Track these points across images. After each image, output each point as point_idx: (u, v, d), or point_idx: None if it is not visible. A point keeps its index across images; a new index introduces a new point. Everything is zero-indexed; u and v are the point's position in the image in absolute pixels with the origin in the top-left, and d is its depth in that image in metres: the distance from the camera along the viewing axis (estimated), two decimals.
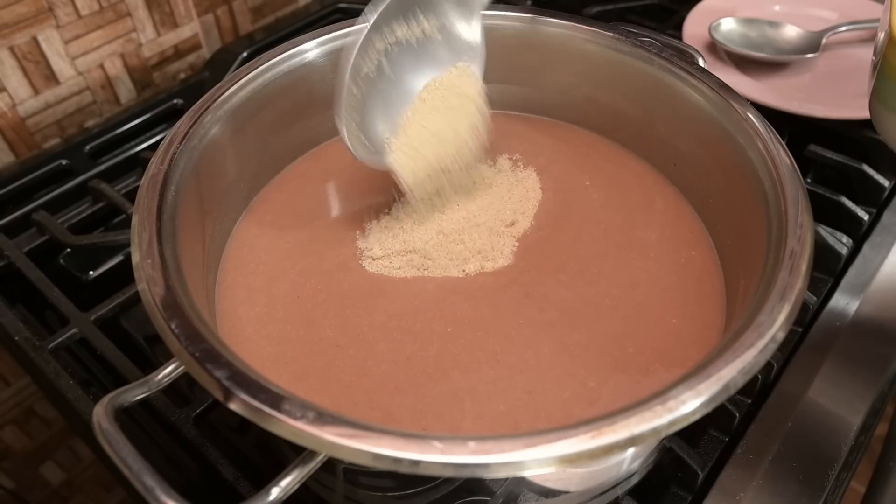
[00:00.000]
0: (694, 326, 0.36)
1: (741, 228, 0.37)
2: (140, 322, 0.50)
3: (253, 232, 0.42)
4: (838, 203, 0.52)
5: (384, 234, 0.41)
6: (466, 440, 0.24)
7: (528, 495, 0.32)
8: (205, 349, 0.27)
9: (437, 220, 0.41)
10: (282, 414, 0.24)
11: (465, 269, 0.39)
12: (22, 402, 0.50)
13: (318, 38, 0.44)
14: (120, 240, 0.51)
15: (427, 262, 0.39)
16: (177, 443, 0.40)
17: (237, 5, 0.72)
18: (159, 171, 0.35)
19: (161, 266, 0.30)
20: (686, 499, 0.38)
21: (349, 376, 0.34)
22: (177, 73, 0.70)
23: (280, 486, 0.25)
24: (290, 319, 0.37)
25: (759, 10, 0.69)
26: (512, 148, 0.47)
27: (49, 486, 0.47)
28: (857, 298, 0.47)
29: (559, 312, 0.36)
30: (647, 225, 0.41)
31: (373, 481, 0.33)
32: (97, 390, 0.43)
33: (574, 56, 0.45)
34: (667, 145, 0.43)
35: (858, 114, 0.56)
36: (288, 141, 0.45)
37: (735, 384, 0.26)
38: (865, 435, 0.40)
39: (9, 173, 0.57)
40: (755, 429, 0.40)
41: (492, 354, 0.35)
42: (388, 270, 0.39)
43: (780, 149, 0.35)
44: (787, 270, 0.29)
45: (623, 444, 0.24)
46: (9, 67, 0.58)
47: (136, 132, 0.62)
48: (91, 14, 0.61)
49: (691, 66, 0.41)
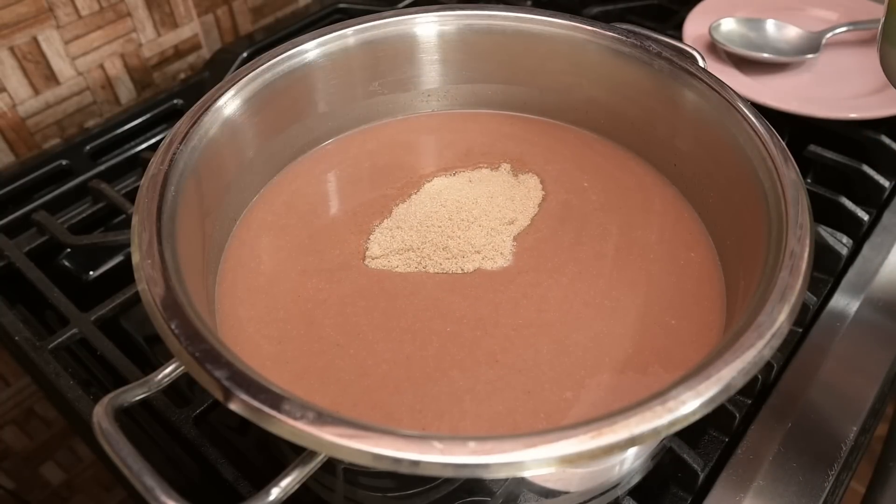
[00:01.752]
0: (693, 327, 0.36)
1: (741, 229, 0.37)
2: (140, 322, 0.50)
3: (253, 232, 0.42)
4: (838, 203, 0.52)
5: (384, 233, 0.41)
6: (466, 440, 0.24)
7: (528, 495, 0.32)
8: (205, 349, 0.27)
9: (437, 220, 0.41)
10: (282, 414, 0.24)
11: (464, 269, 0.39)
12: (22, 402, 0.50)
13: (318, 38, 0.44)
14: (120, 240, 0.51)
15: (426, 262, 0.39)
16: (177, 443, 0.40)
17: (237, 5, 0.72)
18: (159, 171, 0.34)
19: (161, 266, 0.30)
20: (686, 499, 0.38)
21: (349, 375, 0.34)
22: (177, 73, 0.70)
23: (280, 486, 0.25)
24: (290, 319, 0.37)
25: (759, 10, 0.69)
26: (511, 149, 0.47)
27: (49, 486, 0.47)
28: (857, 298, 0.47)
29: (558, 313, 0.36)
30: (646, 225, 0.41)
31: (373, 481, 0.33)
32: (97, 390, 0.43)
33: (574, 56, 0.45)
34: (667, 145, 0.43)
35: (858, 114, 0.56)
36: (288, 141, 0.45)
37: (735, 384, 0.26)
38: (865, 435, 0.40)
39: (9, 173, 0.57)
40: (755, 429, 0.40)
41: (491, 354, 0.35)
42: (388, 270, 0.39)
43: (780, 149, 0.35)
44: (787, 271, 0.29)
45: (623, 444, 0.24)
46: (9, 67, 0.58)
47: (136, 132, 0.62)
48: (91, 14, 0.61)
49: (691, 66, 0.41)
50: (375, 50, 0.46)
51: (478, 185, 0.43)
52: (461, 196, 0.42)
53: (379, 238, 0.40)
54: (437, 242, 0.40)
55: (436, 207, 0.42)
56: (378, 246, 0.40)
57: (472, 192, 0.43)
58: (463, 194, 0.43)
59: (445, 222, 0.41)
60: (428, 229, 0.41)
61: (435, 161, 0.46)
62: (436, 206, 0.42)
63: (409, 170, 0.45)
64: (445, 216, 0.41)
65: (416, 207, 0.42)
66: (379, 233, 0.41)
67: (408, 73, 0.47)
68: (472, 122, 0.49)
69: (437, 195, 0.43)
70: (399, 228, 0.41)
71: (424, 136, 0.48)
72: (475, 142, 0.47)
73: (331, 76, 0.45)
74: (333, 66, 0.45)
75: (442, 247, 0.40)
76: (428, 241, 0.40)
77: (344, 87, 0.46)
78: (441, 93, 0.49)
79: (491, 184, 0.44)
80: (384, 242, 0.40)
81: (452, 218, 0.41)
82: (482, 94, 0.49)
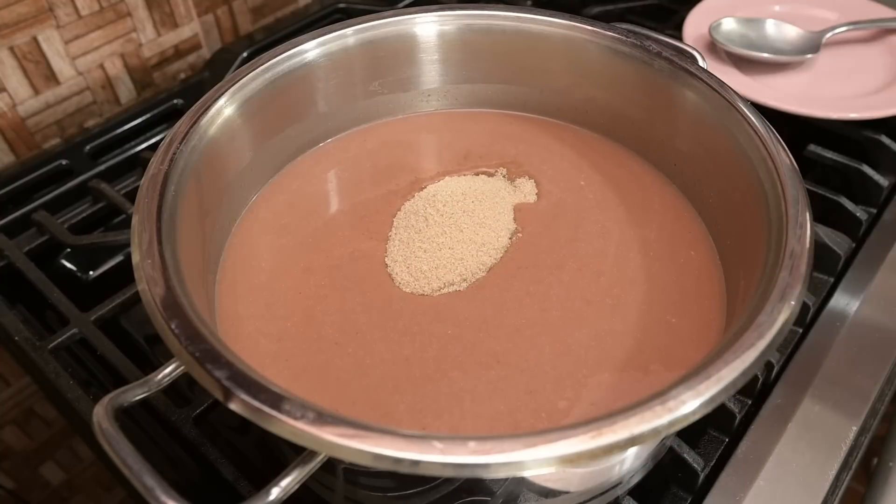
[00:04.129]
0: (694, 325, 0.36)
1: (741, 228, 0.37)
2: (140, 322, 0.50)
3: (253, 231, 0.42)
4: (838, 203, 0.52)
5: (384, 233, 0.41)
6: (466, 440, 0.24)
7: (528, 495, 0.32)
8: (205, 349, 0.27)
9: (436, 218, 0.41)
10: (282, 414, 0.24)
11: (464, 267, 0.39)
12: (22, 402, 0.50)
13: (318, 38, 0.44)
14: (120, 240, 0.51)
15: (429, 258, 0.39)
16: (177, 443, 0.40)
17: (237, 5, 0.72)
18: (159, 171, 0.34)
19: (161, 266, 0.30)
20: (686, 499, 0.38)
21: (348, 374, 0.34)
22: (177, 73, 0.70)
23: (280, 486, 0.25)
24: (290, 317, 0.37)
25: (759, 10, 0.69)
26: (511, 148, 0.47)
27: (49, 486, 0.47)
28: (857, 298, 0.47)
29: (560, 311, 0.36)
30: (646, 224, 0.41)
31: (373, 481, 0.33)
32: (97, 390, 0.43)
33: (574, 56, 0.45)
34: (667, 145, 0.43)
35: (858, 114, 0.56)
36: (288, 141, 0.45)
37: (735, 384, 0.26)
38: (865, 435, 0.40)
39: (9, 173, 0.57)
40: (755, 429, 0.40)
41: (492, 354, 0.35)
42: (388, 269, 0.39)
43: (780, 149, 0.35)
44: (787, 270, 0.29)
45: (623, 444, 0.24)
46: (9, 67, 0.58)
47: (136, 132, 0.62)
48: (91, 14, 0.61)
49: (691, 66, 0.41)
50: (375, 50, 0.46)
51: (476, 186, 0.43)
52: (460, 197, 0.42)
53: (379, 238, 0.40)
54: (437, 240, 0.40)
55: (436, 207, 0.42)
56: (378, 245, 0.40)
57: (470, 194, 0.43)
58: (461, 195, 0.43)
59: (445, 219, 0.41)
60: (428, 227, 0.40)
61: (435, 161, 0.46)
62: (435, 207, 0.42)
63: (409, 170, 0.45)
64: (445, 214, 0.41)
65: (416, 207, 0.42)
66: (378, 233, 0.41)
67: (408, 73, 0.47)
68: (472, 122, 0.49)
69: (437, 196, 0.43)
70: (398, 228, 0.41)
71: (424, 135, 0.48)
72: (475, 142, 0.47)
73: (331, 76, 0.45)
74: (333, 66, 0.45)
75: (441, 245, 0.40)
76: (428, 239, 0.40)
77: (344, 87, 0.46)
78: (441, 93, 0.49)
79: (491, 183, 0.44)
80: (384, 242, 0.40)
81: (452, 215, 0.41)
82: (482, 94, 0.49)
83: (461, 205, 0.42)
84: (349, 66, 0.45)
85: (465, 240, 0.40)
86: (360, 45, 0.45)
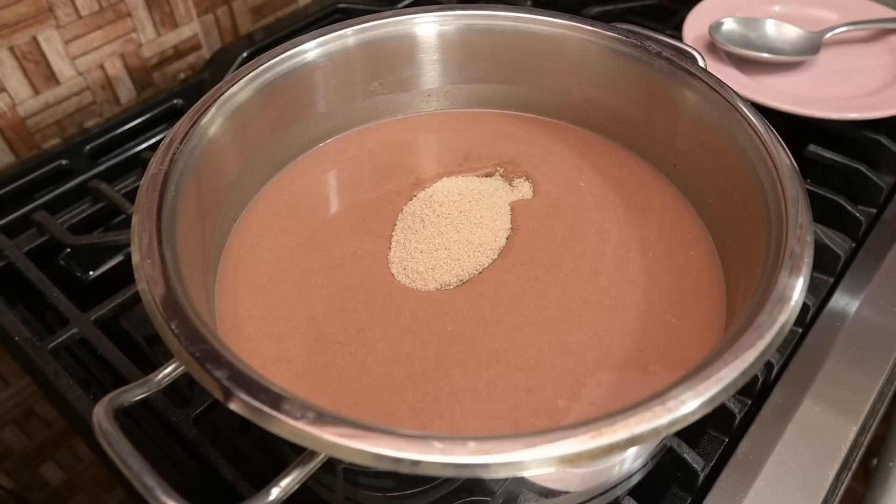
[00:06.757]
0: (694, 325, 0.36)
1: (741, 228, 0.37)
2: (140, 322, 0.50)
3: (254, 231, 0.42)
4: (838, 203, 0.52)
5: (384, 233, 0.41)
6: (466, 440, 0.24)
7: (528, 495, 0.32)
8: (205, 349, 0.27)
9: (433, 219, 0.41)
10: (282, 414, 0.24)
11: (461, 267, 0.39)
12: (22, 402, 0.50)
13: (318, 38, 0.44)
14: (120, 240, 0.51)
15: (425, 259, 0.39)
16: (177, 443, 0.40)
17: (237, 5, 0.72)
18: (159, 171, 0.34)
19: (161, 266, 0.30)
20: (686, 499, 0.38)
21: (349, 374, 0.34)
22: (177, 73, 0.70)
23: (280, 486, 0.25)
24: (290, 317, 0.37)
25: (759, 10, 0.69)
26: (510, 148, 0.47)
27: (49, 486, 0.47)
28: (857, 298, 0.47)
29: (559, 310, 0.36)
30: (646, 224, 0.41)
31: (373, 481, 0.33)
32: (97, 390, 0.43)
33: (574, 56, 0.45)
34: (667, 145, 0.43)
35: (858, 114, 0.56)
36: (288, 141, 0.45)
37: (735, 384, 0.26)
38: (865, 435, 0.40)
39: (9, 173, 0.57)
40: (755, 429, 0.40)
41: (492, 353, 0.35)
42: (388, 269, 0.39)
43: (780, 149, 0.35)
44: (787, 271, 0.29)
45: (623, 444, 0.24)
46: (9, 67, 0.58)
47: (136, 132, 0.62)
48: (91, 14, 0.61)
49: (691, 66, 0.41)
50: (375, 50, 0.46)
51: (473, 187, 0.43)
52: (456, 198, 0.42)
53: (379, 237, 0.40)
54: (436, 240, 0.40)
55: (432, 208, 0.42)
56: (378, 245, 0.40)
57: (467, 194, 0.43)
58: (458, 196, 0.43)
59: (444, 218, 0.41)
60: (427, 226, 0.40)
61: (435, 161, 0.46)
62: (432, 207, 0.42)
63: (409, 170, 0.45)
64: (444, 213, 0.41)
65: (412, 208, 0.42)
66: (379, 232, 0.41)
67: (408, 73, 0.47)
68: (471, 122, 0.49)
69: (433, 196, 0.43)
70: (396, 229, 0.41)
71: (424, 135, 0.48)
72: (475, 142, 0.47)
73: (331, 76, 0.45)
74: (333, 66, 0.45)
75: (440, 244, 0.40)
76: (427, 238, 0.40)
77: (344, 87, 0.46)
78: (441, 93, 0.49)
79: (491, 183, 0.44)
80: (385, 242, 0.40)
81: (451, 214, 0.41)
82: (482, 94, 0.49)
83: (458, 205, 0.42)
84: (349, 66, 0.45)
85: (461, 240, 0.40)
86: (359, 46, 0.45)
